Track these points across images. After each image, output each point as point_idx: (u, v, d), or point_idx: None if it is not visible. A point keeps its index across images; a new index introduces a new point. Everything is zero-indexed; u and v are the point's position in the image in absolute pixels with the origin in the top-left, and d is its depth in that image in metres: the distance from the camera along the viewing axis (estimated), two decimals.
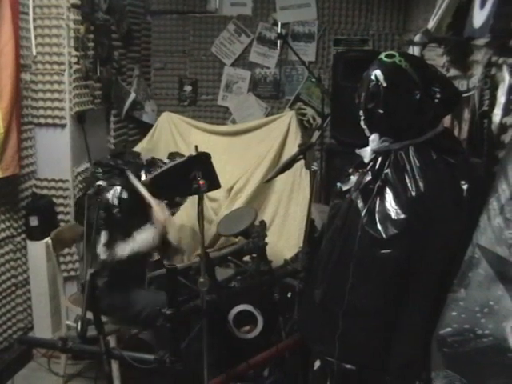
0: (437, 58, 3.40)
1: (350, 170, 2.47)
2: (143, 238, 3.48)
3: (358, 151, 2.43)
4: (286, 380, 3.27)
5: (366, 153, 2.37)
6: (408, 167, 2.21)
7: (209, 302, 2.75)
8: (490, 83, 2.46)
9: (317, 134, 5.59)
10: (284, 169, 3.43)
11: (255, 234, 3.37)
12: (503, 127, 2.32)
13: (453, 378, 1.71)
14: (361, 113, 2.36)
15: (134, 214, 3.37)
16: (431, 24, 3.23)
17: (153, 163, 3.67)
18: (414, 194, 2.16)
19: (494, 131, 2.39)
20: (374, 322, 2.25)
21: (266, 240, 3.40)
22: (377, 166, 2.30)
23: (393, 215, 2.18)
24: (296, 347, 3.09)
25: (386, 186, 2.24)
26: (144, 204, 3.55)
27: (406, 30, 5.37)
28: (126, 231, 3.43)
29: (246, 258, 3.48)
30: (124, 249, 3.42)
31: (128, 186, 3.30)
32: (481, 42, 2.62)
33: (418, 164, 2.19)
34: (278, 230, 4.76)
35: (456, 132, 2.87)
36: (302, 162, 3.31)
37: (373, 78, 2.28)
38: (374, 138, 2.33)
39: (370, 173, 2.32)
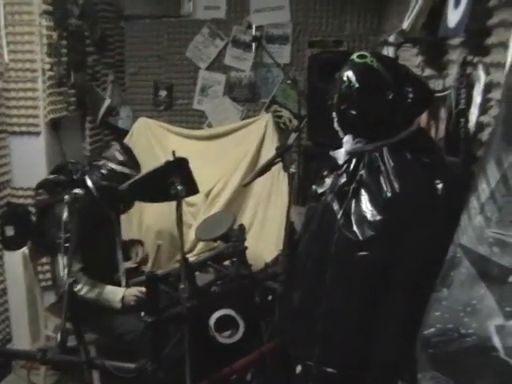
0: (411, 58, 3.42)
1: (325, 173, 2.46)
2: (112, 295, 3.45)
3: (332, 153, 2.42)
4: (269, 383, 3.25)
5: (340, 154, 2.36)
6: (382, 168, 2.20)
7: (190, 308, 2.73)
8: (466, 82, 2.47)
9: (293, 136, 5.59)
10: (262, 172, 3.42)
11: (234, 238, 3.35)
12: (480, 126, 2.33)
13: (439, 379, 1.70)
14: (334, 114, 2.35)
15: (92, 229, 3.31)
16: (405, 24, 3.23)
17: (96, 167, 3.58)
18: (389, 194, 2.15)
19: (471, 130, 2.40)
20: (353, 324, 2.24)
21: (246, 244, 3.38)
22: (351, 168, 2.29)
23: (369, 217, 2.17)
24: (278, 350, 3.08)
25: (361, 187, 2.23)
26: (101, 217, 3.53)
27: (380, 30, 5.39)
28: (86, 252, 3.39)
29: (226, 263, 3.46)
30: (91, 290, 3.39)
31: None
32: (456, 41, 2.63)
33: (392, 164, 2.18)
34: (258, 234, 4.76)
35: (433, 131, 2.88)
36: (279, 165, 3.31)
37: (345, 79, 2.27)
38: (347, 140, 2.33)
39: (344, 175, 2.31)
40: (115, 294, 3.44)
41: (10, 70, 4.14)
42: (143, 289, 3.47)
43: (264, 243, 4.62)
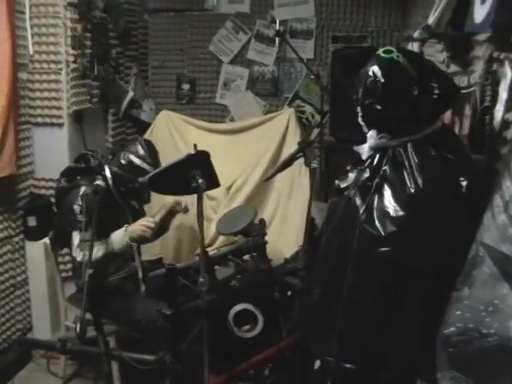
0: (436, 54, 3.38)
1: (348, 168, 2.46)
2: (118, 237, 3.47)
3: (355, 148, 2.41)
4: (287, 379, 3.25)
5: (364, 150, 2.35)
6: (406, 164, 2.19)
7: (209, 302, 2.73)
8: (492, 79, 2.44)
9: (316, 131, 5.57)
10: (283, 167, 3.41)
11: (255, 232, 3.35)
12: (505, 123, 2.30)
13: (459, 379, 1.68)
14: (358, 109, 2.34)
15: (106, 214, 3.33)
16: (431, 20, 3.20)
17: (117, 157, 3.60)
18: (412, 190, 2.14)
19: (496, 127, 2.37)
20: (373, 320, 2.23)
21: (266, 238, 3.38)
22: (375, 163, 2.28)
23: (391, 212, 2.16)
24: (296, 346, 3.07)
25: (385, 182, 2.22)
26: (115, 205, 3.55)
27: (404, 26, 5.34)
28: (99, 232, 3.39)
29: (246, 257, 3.46)
30: (99, 249, 3.40)
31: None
32: (482, 37, 2.60)
33: (416, 160, 2.17)
34: (278, 229, 4.74)
35: (457, 128, 2.85)
36: (301, 160, 3.30)
37: (370, 73, 2.26)
38: (371, 135, 2.31)
39: (368, 170, 2.30)
40: (119, 233, 3.47)
41: (34, 61, 4.17)
42: (150, 218, 3.53)
43: (284, 238, 4.61)
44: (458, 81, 2.90)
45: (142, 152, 3.56)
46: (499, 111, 2.35)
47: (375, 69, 2.24)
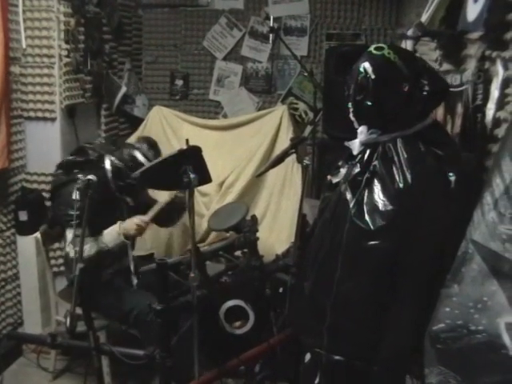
0: (430, 52, 3.39)
1: (340, 163, 2.47)
2: (112, 234, 3.43)
3: (347, 143, 2.42)
4: (278, 375, 3.25)
5: (355, 145, 2.37)
6: (396, 159, 2.20)
7: (199, 298, 2.73)
8: (484, 77, 2.45)
9: (309, 128, 5.57)
10: (276, 163, 3.41)
11: (246, 228, 3.35)
12: (497, 121, 2.31)
13: (447, 374, 1.69)
14: (349, 105, 2.36)
15: (101, 209, 3.31)
16: (424, 18, 3.21)
17: (121, 151, 3.62)
18: (401, 185, 2.15)
19: (488, 125, 2.38)
20: (362, 314, 2.25)
21: (258, 235, 3.38)
22: (365, 158, 2.29)
23: (381, 207, 2.17)
24: (287, 342, 3.07)
25: (375, 177, 2.23)
26: (112, 199, 3.55)
27: (398, 24, 5.36)
28: (94, 228, 3.37)
29: (238, 253, 3.46)
30: (92, 246, 3.38)
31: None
32: (474, 35, 2.60)
33: (405, 156, 2.18)
34: (270, 225, 4.74)
35: (449, 126, 2.85)
36: (293, 157, 3.30)
37: (361, 70, 2.27)
38: (362, 130, 2.33)
39: (358, 165, 2.31)
40: (112, 230, 3.43)
41: (27, 55, 4.15)
42: (145, 217, 3.49)
43: (276, 235, 4.61)
44: (451, 79, 2.90)
45: (146, 150, 3.57)
46: (491, 109, 2.35)
47: (366, 65, 2.25)
